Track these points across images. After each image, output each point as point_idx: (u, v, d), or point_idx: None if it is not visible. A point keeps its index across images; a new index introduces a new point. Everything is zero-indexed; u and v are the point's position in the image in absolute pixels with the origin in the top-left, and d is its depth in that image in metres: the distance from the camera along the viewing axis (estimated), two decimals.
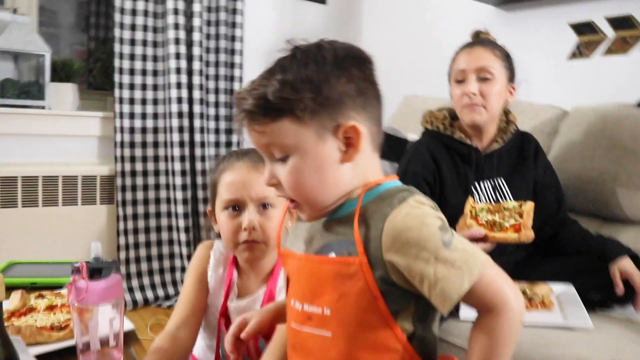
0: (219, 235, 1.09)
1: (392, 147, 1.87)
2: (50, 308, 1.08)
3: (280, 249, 0.80)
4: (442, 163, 1.54)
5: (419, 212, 0.67)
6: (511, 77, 1.55)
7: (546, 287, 1.40)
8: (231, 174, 1.02)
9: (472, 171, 1.55)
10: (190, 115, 2.51)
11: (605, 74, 2.02)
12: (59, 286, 1.24)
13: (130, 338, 1.05)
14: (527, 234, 1.25)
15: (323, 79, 0.68)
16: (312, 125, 0.68)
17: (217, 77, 2.64)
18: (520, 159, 1.60)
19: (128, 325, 1.07)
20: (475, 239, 1.26)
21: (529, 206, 1.30)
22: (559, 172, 1.67)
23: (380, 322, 0.68)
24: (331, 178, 0.70)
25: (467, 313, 1.31)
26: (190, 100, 2.50)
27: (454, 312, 1.34)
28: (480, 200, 1.53)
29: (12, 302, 1.10)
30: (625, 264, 1.37)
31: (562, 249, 1.56)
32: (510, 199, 1.50)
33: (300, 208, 0.74)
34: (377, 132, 0.74)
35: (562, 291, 1.40)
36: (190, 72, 2.50)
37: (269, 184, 0.74)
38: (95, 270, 0.83)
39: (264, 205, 1.01)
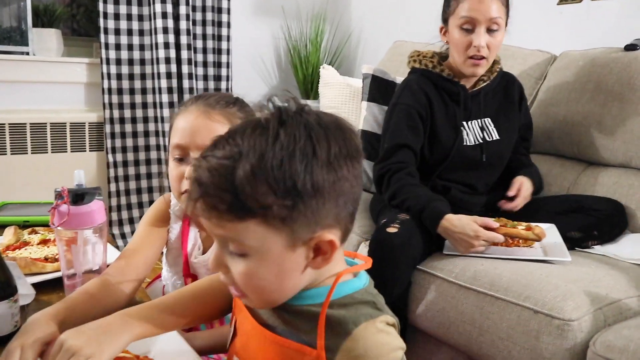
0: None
1: (381, 90, 1.88)
2: (44, 242, 1.11)
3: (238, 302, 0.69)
4: (433, 99, 1.53)
5: (383, 341, 0.58)
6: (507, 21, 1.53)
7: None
8: (181, 119, 0.93)
9: (461, 110, 1.55)
10: (178, 61, 2.47)
11: (595, 19, 2.01)
12: None
13: None
14: (539, 231, 1.31)
15: (309, 181, 0.53)
16: (284, 232, 0.55)
17: (204, 23, 2.59)
18: (505, 100, 1.61)
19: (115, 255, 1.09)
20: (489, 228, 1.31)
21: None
22: (545, 116, 1.68)
23: None
24: (291, 284, 0.59)
25: (451, 249, 1.37)
26: (178, 47, 2.46)
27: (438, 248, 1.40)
28: (469, 139, 1.55)
29: (6, 237, 1.12)
30: (524, 179, 1.54)
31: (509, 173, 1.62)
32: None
33: (248, 299, 0.62)
34: (350, 228, 0.61)
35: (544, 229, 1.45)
36: (177, 17, 2.44)
37: (214, 270, 0.60)
38: (78, 196, 0.83)
39: None
